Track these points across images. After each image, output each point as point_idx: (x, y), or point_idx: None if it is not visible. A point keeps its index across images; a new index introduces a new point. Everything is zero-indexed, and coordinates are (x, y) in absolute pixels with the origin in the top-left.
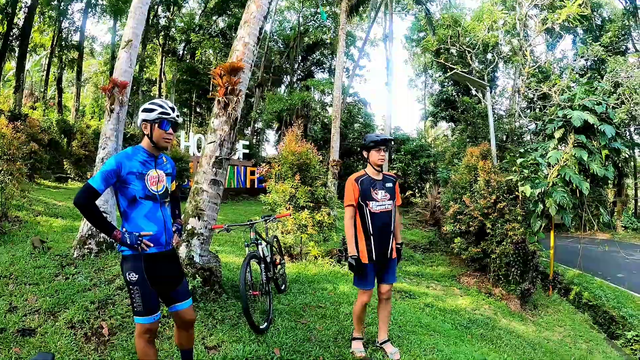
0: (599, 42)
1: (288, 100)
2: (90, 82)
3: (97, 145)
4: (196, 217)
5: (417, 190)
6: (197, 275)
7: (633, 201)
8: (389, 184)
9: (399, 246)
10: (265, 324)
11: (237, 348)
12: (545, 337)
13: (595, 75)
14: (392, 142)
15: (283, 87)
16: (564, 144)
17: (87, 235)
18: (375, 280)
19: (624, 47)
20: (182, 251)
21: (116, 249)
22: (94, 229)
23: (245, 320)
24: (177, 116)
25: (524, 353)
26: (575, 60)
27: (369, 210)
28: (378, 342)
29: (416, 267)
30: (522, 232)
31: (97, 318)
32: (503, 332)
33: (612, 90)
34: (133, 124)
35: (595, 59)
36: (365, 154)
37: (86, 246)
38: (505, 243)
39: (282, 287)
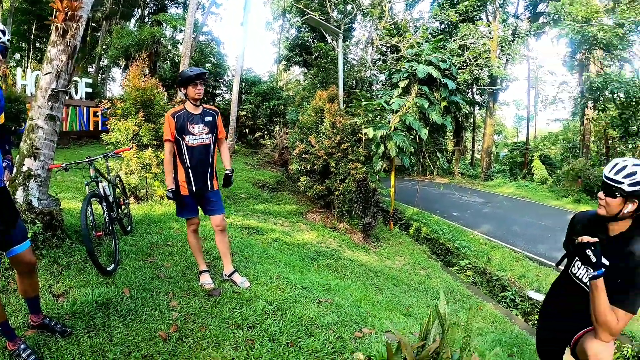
0: (455, 9)
1: (137, 35)
2: None
3: None
4: (32, 157)
5: (266, 132)
6: (37, 221)
7: (470, 152)
8: (209, 118)
9: (228, 172)
10: (113, 265)
11: (85, 292)
12: (387, 265)
13: (447, 37)
14: (207, 75)
15: (133, 21)
16: (408, 95)
17: None
18: (209, 216)
19: (477, 17)
20: (20, 196)
21: None
22: None
23: (92, 264)
24: (8, 40)
25: (367, 279)
26: (430, 21)
27: (186, 144)
28: (226, 274)
29: (264, 205)
30: (364, 171)
31: None
32: (348, 261)
33: (460, 53)
34: None
35: (449, 23)
36: (182, 90)
37: None
38: (348, 181)
39: (129, 228)
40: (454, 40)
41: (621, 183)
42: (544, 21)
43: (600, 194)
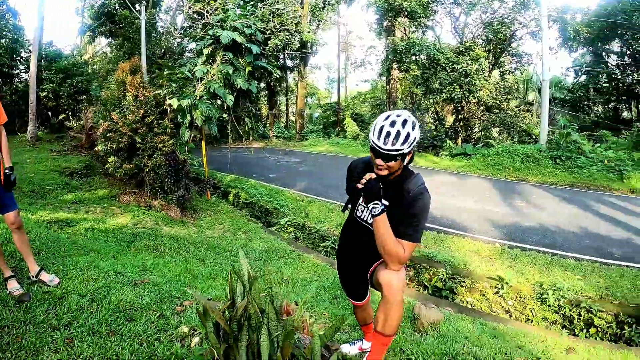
0: None
1: None
2: None
3: None
4: None
5: (71, 113)
6: None
7: (284, 115)
8: None
9: (8, 171)
10: None
11: None
12: (207, 235)
13: (258, 4)
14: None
15: None
16: (213, 62)
17: None
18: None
19: None
20: None
21: None
22: None
23: None
24: None
25: (187, 252)
26: None
27: None
28: (32, 275)
29: (74, 194)
30: (172, 144)
31: None
32: (166, 239)
33: (271, 19)
34: None
35: None
36: None
37: None
38: (156, 155)
39: None
40: (260, 6)
41: (401, 149)
42: None
43: (379, 161)
